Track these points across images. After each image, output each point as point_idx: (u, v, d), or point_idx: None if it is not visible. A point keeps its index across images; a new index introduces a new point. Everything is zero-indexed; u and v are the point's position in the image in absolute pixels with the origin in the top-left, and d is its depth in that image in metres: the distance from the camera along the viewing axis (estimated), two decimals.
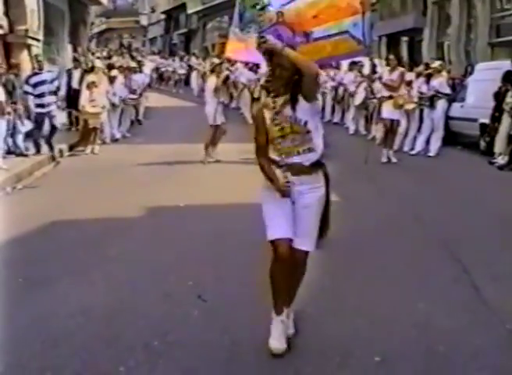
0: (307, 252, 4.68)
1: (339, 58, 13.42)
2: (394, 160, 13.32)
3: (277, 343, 4.56)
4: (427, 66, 15.91)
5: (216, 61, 14.48)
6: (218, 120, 13.12)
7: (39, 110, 13.45)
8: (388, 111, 13.46)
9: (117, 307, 5.44)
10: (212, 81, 13.31)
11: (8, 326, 4.99)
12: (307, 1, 9.39)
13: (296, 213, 4.62)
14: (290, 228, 4.58)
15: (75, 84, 16.87)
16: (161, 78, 34.97)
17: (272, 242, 4.56)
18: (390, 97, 13.43)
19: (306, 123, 4.50)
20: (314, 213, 4.66)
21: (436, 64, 15.55)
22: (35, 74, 13.80)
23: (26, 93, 13.33)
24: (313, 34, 9.35)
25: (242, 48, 9.43)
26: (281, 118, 4.50)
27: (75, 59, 18.79)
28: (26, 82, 13.43)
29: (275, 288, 4.64)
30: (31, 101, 13.27)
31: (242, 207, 8.88)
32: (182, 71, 33.79)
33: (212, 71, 13.84)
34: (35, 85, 13.41)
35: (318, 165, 4.66)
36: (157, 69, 34.24)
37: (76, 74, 17.22)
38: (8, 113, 12.24)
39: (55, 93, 14.02)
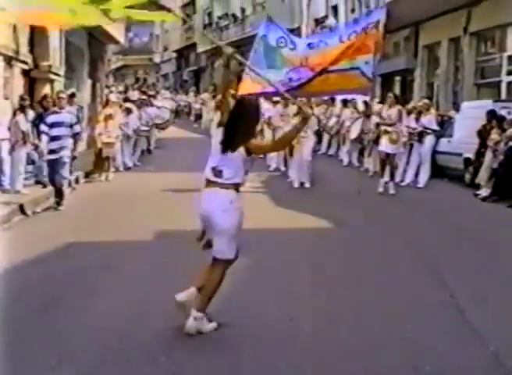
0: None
1: (347, 92, 13.48)
2: (392, 191, 13.15)
3: None
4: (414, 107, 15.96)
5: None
6: None
7: (49, 156, 11.13)
8: (383, 145, 13.51)
9: (128, 324, 5.44)
10: (217, 117, 13.46)
11: (27, 341, 5.00)
12: (331, 48, 9.52)
13: None
14: None
15: None
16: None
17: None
18: (386, 131, 13.49)
19: None
20: None
21: (421, 103, 15.75)
22: (54, 113, 11.55)
23: (43, 132, 11.17)
24: (328, 69, 9.48)
25: (257, 89, 9.44)
26: None
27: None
28: (43, 120, 11.30)
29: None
30: (45, 142, 11.11)
31: (245, 232, 8.90)
32: (197, 106, 33.36)
33: (217, 107, 13.92)
34: (52, 125, 11.10)
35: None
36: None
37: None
38: (29, 143, 12.05)
39: (72, 137, 11.45)
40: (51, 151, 11.09)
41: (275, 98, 16.47)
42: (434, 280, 7.02)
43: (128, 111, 17.01)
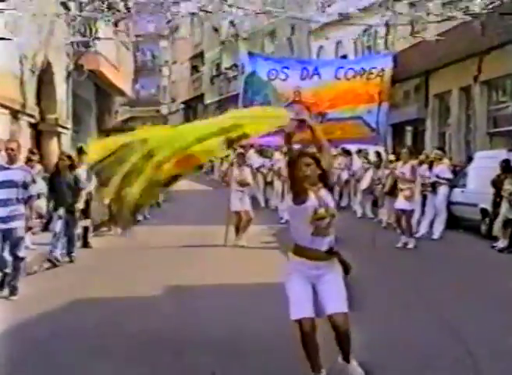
0: (344, 314, 4.97)
1: (348, 141, 13.45)
2: (411, 246, 13.02)
3: None
4: (427, 156, 16.07)
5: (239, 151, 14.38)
6: (234, 207, 13.25)
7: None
8: (399, 202, 13.43)
9: None
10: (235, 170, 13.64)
11: None
12: (325, 84, 9.36)
13: (320, 290, 5.04)
14: (312, 308, 4.99)
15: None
16: None
17: (297, 321, 4.92)
18: (401, 189, 13.43)
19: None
20: (335, 282, 5.08)
21: (433, 154, 15.82)
22: (1, 168, 8.70)
23: None
24: (327, 115, 9.31)
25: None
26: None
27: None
28: None
29: (309, 356, 4.96)
30: None
31: (257, 287, 8.90)
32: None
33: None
34: None
35: (332, 251, 5.20)
36: None
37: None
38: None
39: (25, 202, 8.73)
40: (0, 220, 8.51)
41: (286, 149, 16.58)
42: (450, 334, 6.95)
43: None
